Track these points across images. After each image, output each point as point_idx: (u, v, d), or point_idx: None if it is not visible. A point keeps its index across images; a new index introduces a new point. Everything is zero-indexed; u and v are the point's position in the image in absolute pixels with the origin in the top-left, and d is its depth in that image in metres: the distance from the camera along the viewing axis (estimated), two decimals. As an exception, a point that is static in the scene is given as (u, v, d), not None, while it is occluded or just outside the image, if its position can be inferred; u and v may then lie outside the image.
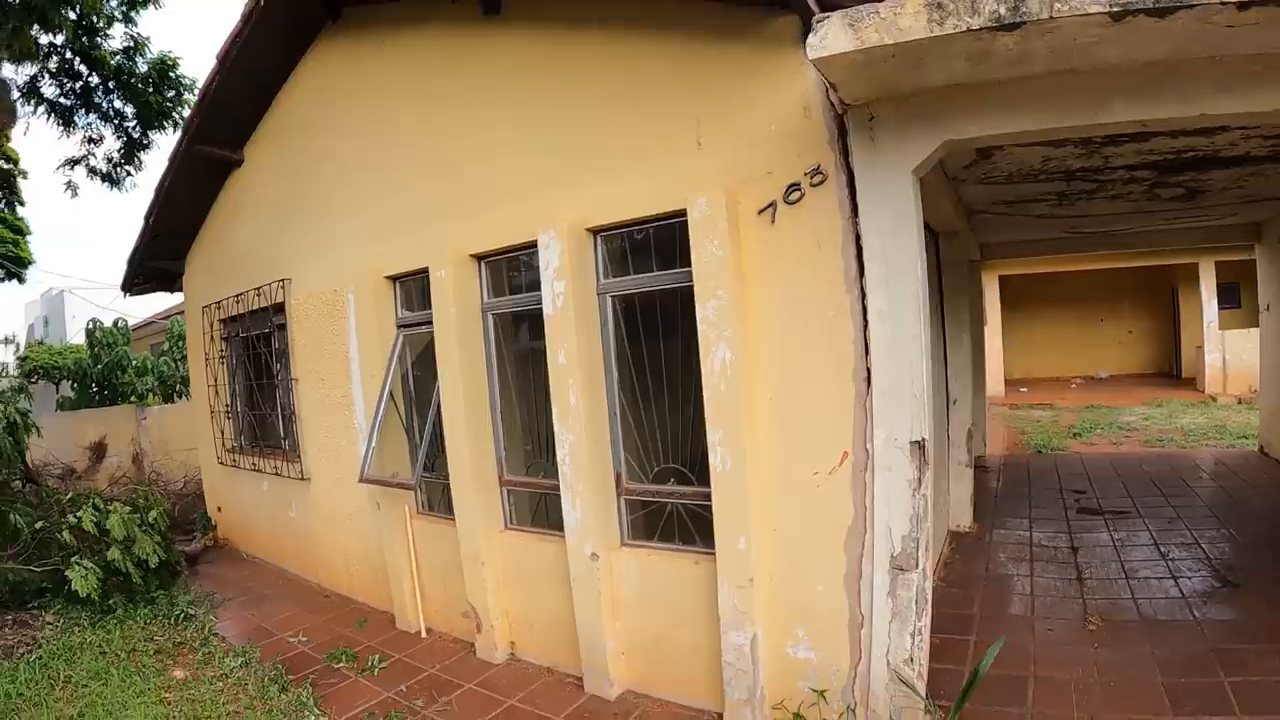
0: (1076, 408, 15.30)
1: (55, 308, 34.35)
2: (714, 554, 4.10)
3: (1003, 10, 2.78)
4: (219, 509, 9.14)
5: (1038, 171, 5.70)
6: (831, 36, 2.96)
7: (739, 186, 3.92)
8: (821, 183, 3.71)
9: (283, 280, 7.07)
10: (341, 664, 5.35)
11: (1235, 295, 16.17)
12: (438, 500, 5.79)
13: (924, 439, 3.59)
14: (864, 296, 3.64)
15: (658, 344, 4.50)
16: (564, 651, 4.89)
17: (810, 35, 2.99)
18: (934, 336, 6.39)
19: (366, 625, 6.08)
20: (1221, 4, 2.68)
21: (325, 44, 6.49)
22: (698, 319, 3.96)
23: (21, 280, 23.20)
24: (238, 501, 8.60)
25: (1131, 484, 8.72)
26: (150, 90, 13.02)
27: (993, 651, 3.86)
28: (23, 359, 19.99)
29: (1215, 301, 15.92)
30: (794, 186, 3.78)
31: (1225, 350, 15.50)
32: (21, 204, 21.82)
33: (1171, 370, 19.26)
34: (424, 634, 5.81)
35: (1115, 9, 2.71)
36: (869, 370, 3.65)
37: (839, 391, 3.75)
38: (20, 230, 22.36)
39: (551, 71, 4.72)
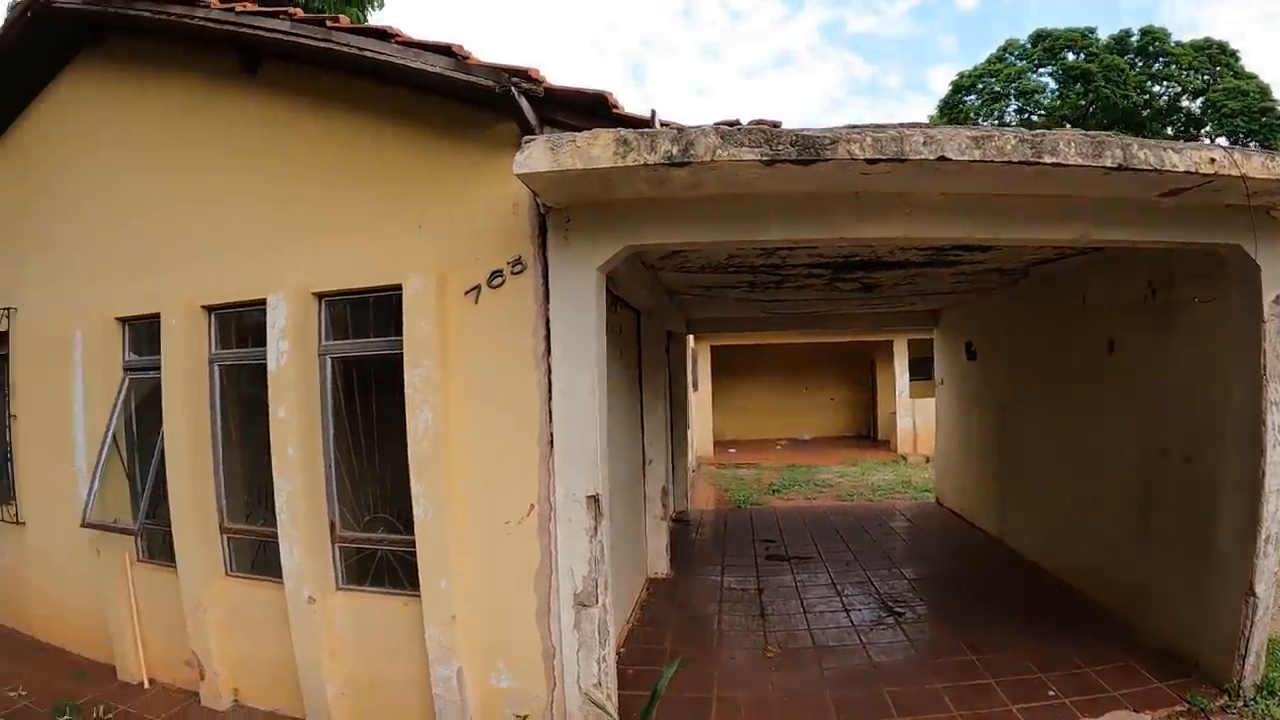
0: (779, 466, 16.77)
1: None
2: (420, 595, 4.47)
3: (675, 150, 3.45)
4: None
5: (726, 265, 6.45)
6: (535, 156, 3.54)
7: (450, 269, 4.40)
8: (521, 271, 4.27)
9: (7, 309, 6.68)
10: (66, 717, 5.14)
11: (927, 368, 18.57)
12: (159, 547, 5.72)
13: (598, 494, 4.22)
14: (550, 372, 4.23)
15: (372, 403, 4.85)
16: (287, 695, 5.03)
17: (519, 153, 3.54)
18: (632, 402, 7.13)
19: (86, 677, 5.83)
20: (852, 159, 3.46)
21: (83, 67, 6.26)
22: (405, 384, 4.37)
23: None
24: (-58, 545, 7.87)
25: (818, 533, 9.87)
26: None
27: (668, 672, 4.48)
28: None
29: (907, 373, 18.33)
30: (497, 273, 4.31)
31: (915, 415, 17.84)
32: None
33: (869, 433, 21.72)
34: (147, 684, 5.68)
35: (765, 157, 3.44)
36: (552, 435, 4.24)
37: (527, 452, 4.29)
38: None
39: (296, 139, 4.96)
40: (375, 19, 10.49)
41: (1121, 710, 4.60)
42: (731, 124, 3.67)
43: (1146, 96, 29.16)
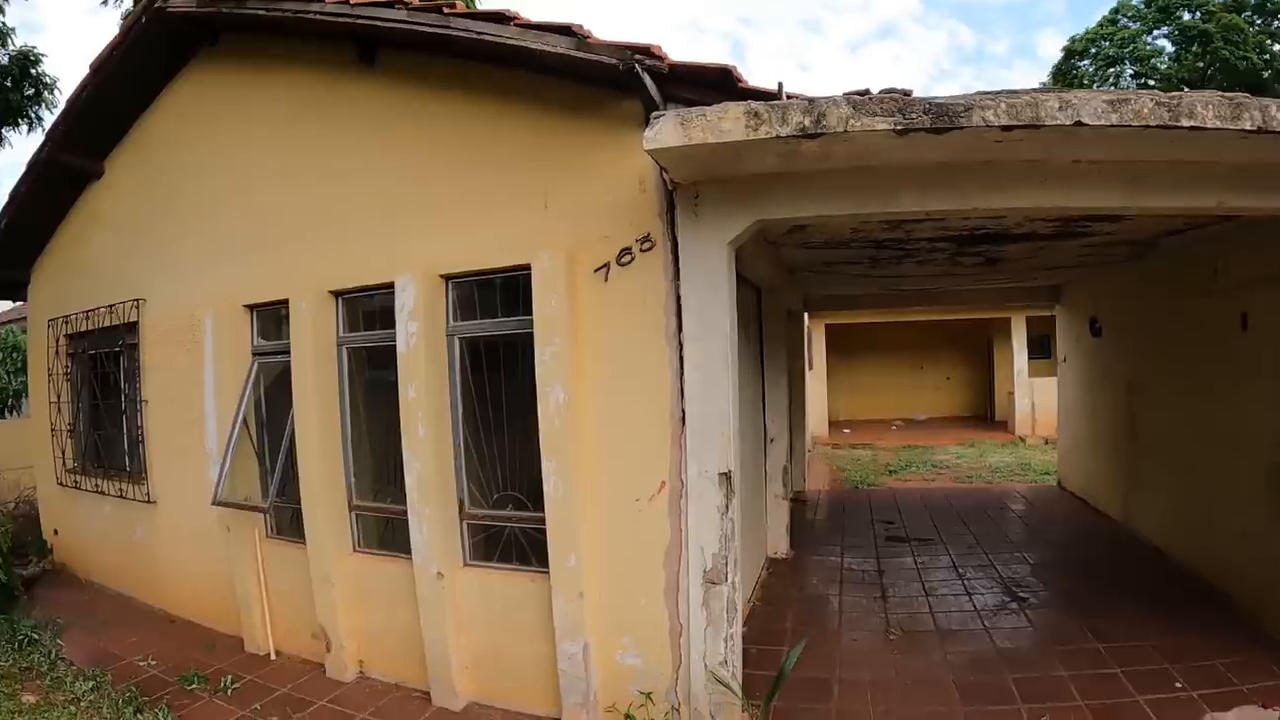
0: (895, 447, 16.46)
1: None
2: (548, 572, 4.54)
3: (807, 122, 3.39)
4: (55, 532, 8.77)
5: (849, 240, 6.37)
6: (665, 131, 3.51)
7: (578, 247, 4.42)
8: (650, 249, 4.27)
9: (137, 300, 7.01)
10: (194, 686, 5.38)
11: (1046, 346, 17.92)
12: (286, 524, 5.94)
13: (730, 470, 4.20)
14: (681, 348, 4.22)
15: (500, 382, 4.92)
16: (411, 668, 5.17)
17: (648, 129, 3.53)
18: (754, 379, 7.08)
19: (215, 649, 6.10)
20: (986, 126, 3.37)
21: (200, 66, 6.56)
22: (536, 362, 4.42)
23: None
24: (77, 524, 8.31)
25: (938, 515, 9.67)
26: (9, 85, 12.31)
27: (795, 653, 4.49)
28: None
29: (1025, 351, 17.67)
30: (626, 250, 4.32)
31: (1034, 396, 17.13)
32: None
33: (986, 414, 20.97)
34: (273, 656, 5.90)
35: (899, 127, 3.36)
36: (684, 411, 4.23)
37: (658, 429, 4.30)
38: None
39: (418, 125, 5.06)
40: (483, 3, 10.55)
41: (1250, 705, 4.37)
42: (861, 94, 3.59)
43: (1267, 56, 27.37)
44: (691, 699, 4.29)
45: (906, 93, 3.58)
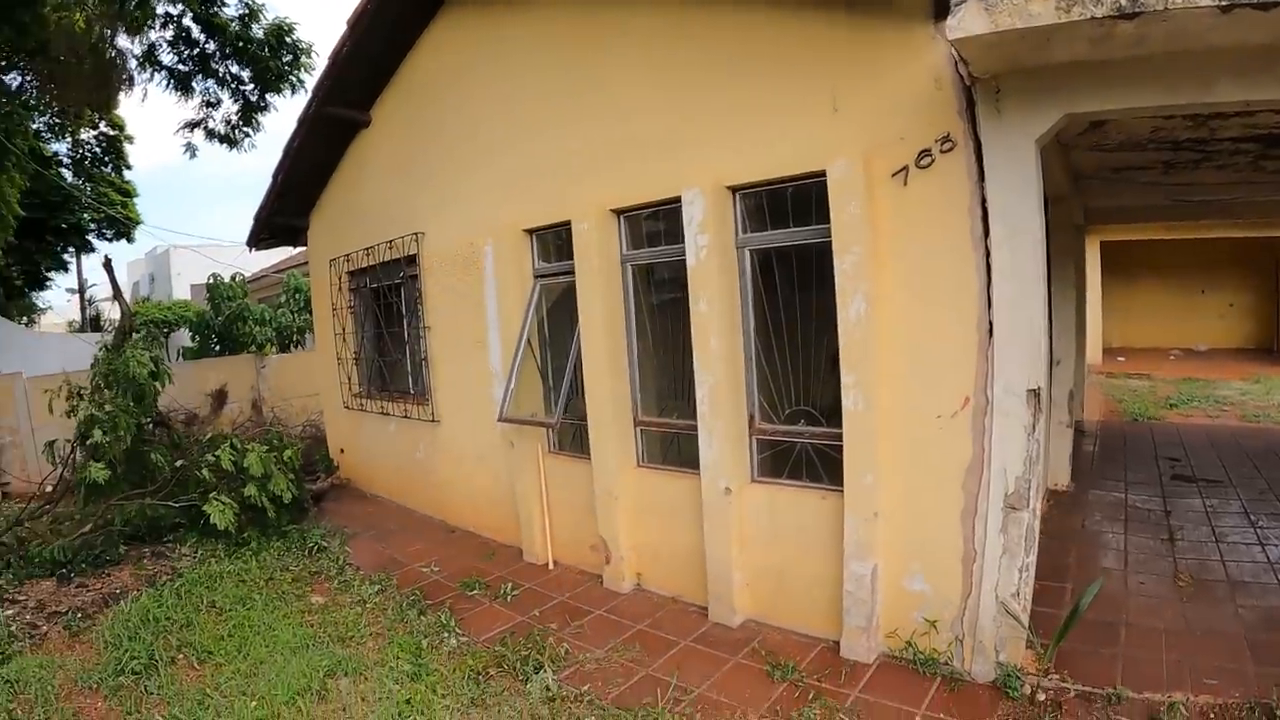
0: (1173, 379, 14.96)
1: (161, 265, 35.98)
2: (840, 490, 4.42)
3: (1124, 1, 2.99)
4: (341, 450, 9.78)
5: (1146, 140, 5.72)
6: (969, 19, 3.22)
7: (873, 150, 4.17)
8: (950, 149, 3.95)
9: (415, 234, 7.53)
10: (475, 591, 5.72)
11: None
12: (568, 440, 6.21)
13: (1040, 387, 3.88)
14: (988, 255, 3.89)
15: (792, 295, 4.79)
16: (688, 582, 5.27)
17: (949, 17, 3.24)
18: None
19: (495, 558, 6.48)
20: None
21: (454, 7, 6.84)
22: (835, 272, 4.24)
23: (130, 239, 24.68)
24: (362, 444, 9.21)
25: (1226, 455, 8.66)
26: (267, 55, 13.63)
27: (1093, 590, 4.15)
28: (132, 314, 21.08)
29: None
30: (925, 152, 4.02)
31: None
32: (128, 168, 23.16)
33: (1272, 346, 18.44)
34: (551, 566, 6.20)
35: (1224, 3, 2.89)
36: (991, 323, 3.92)
37: (963, 341, 4.02)
38: (128, 193, 23.76)
39: (690, 37, 4.97)
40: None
41: None
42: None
43: None
44: (978, 630, 4.05)
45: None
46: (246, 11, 13.37)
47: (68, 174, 21.33)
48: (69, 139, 19.91)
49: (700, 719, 3.95)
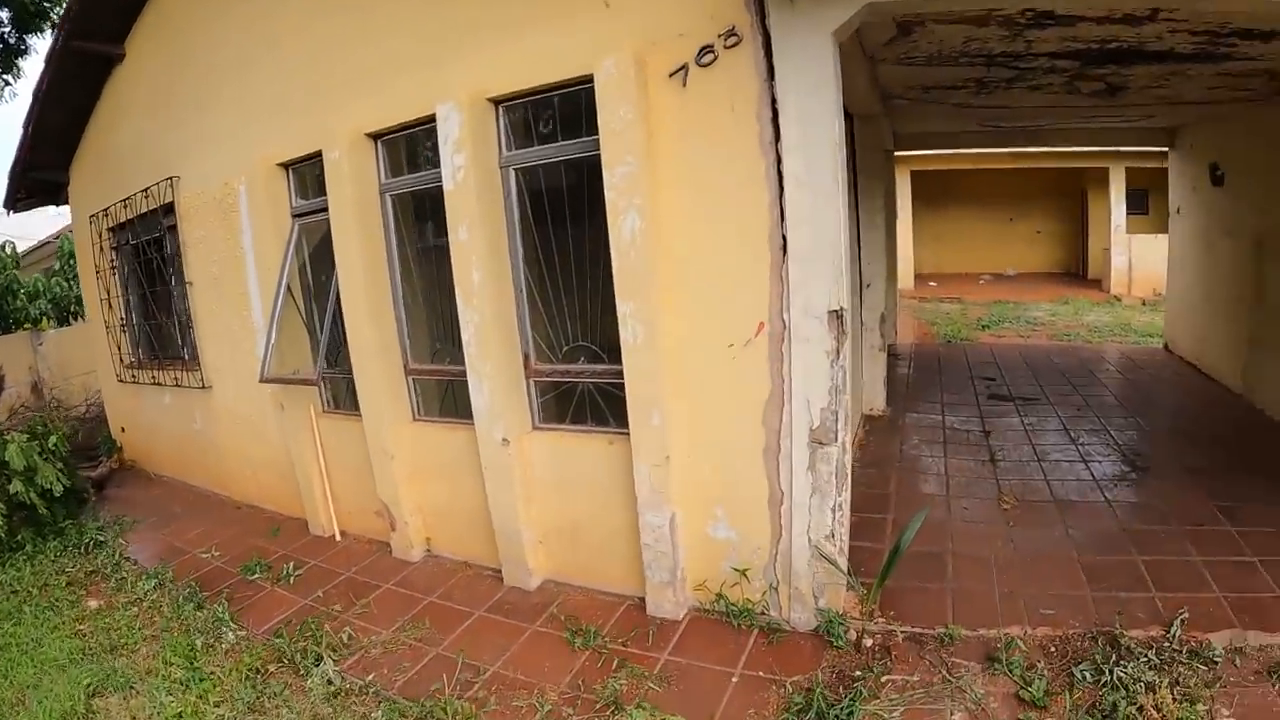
0: (984, 302, 15.64)
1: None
2: (628, 433, 4.01)
3: None
4: (123, 429, 8.71)
5: (958, 54, 5.54)
6: None
7: (649, 48, 3.71)
8: (736, 44, 3.52)
9: (170, 178, 6.56)
10: (256, 575, 5.21)
11: (1144, 202, 16.57)
12: (343, 397, 5.58)
13: (842, 308, 3.53)
14: (780, 161, 3.50)
15: (564, 220, 4.31)
16: (481, 545, 4.81)
17: None
18: (848, 217, 6.29)
19: (280, 534, 5.95)
20: None
21: None
22: (605, 186, 3.77)
23: None
24: (141, 420, 8.20)
25: (1040, 374, 8.97)
26: None
27: (915, 523, 3.91)
28: None
29: (1124, 205, 16.26)
30: (707, 48, 3.58)
31: (1131, 253, 15.91)
32: None
33: (1078, 270, 19.66)
34: (338, 537, 5.70)
35: None
36: (785, 237, 3.54)
37: (754, 260, 3.64)
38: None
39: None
40: None
41: None
42: None
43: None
44: (792, 577, 3.78)
45: None
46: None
47: None
48: None
49: (494, 703, 3.54)
